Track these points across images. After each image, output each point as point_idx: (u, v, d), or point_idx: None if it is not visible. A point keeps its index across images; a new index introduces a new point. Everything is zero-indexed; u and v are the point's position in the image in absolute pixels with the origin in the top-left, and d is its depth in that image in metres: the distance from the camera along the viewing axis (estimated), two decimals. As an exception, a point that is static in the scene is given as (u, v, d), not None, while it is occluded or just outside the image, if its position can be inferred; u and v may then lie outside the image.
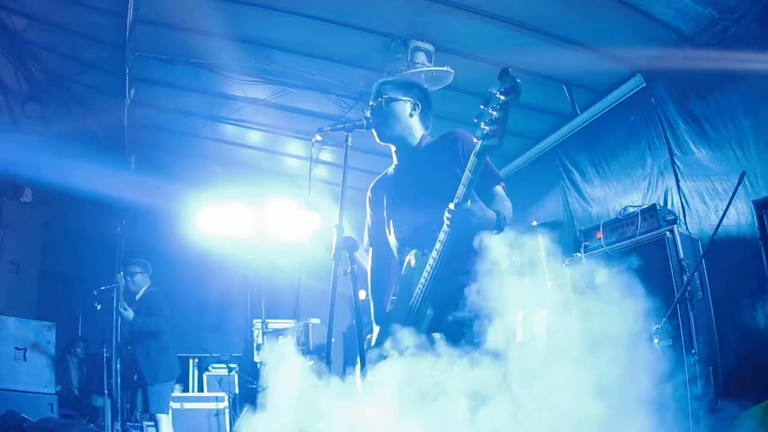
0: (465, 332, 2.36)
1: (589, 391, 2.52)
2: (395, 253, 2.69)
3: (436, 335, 2.35)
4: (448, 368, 2.35)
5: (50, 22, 5.61)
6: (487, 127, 2.08)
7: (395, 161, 2.76)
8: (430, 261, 2.35)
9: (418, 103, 2.69)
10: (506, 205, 2.44)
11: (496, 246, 2.41)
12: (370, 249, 2.88)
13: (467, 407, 2.38)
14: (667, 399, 3.72)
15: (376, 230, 2.83)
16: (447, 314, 2.39)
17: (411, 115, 2.66)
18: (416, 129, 2.68)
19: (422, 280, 2.38)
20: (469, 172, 2.19)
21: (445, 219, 2.27)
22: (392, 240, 2.68)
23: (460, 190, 2.22)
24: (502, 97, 2.03)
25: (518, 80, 2.01)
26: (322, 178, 7.58)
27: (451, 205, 2.25)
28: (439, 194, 2.35)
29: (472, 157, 2.17)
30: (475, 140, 2.14)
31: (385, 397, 2.50)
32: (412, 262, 2.50)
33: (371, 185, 2.87)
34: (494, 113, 2.05)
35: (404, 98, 2.66)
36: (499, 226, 2.37)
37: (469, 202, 2.26)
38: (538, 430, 2.40)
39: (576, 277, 4.75)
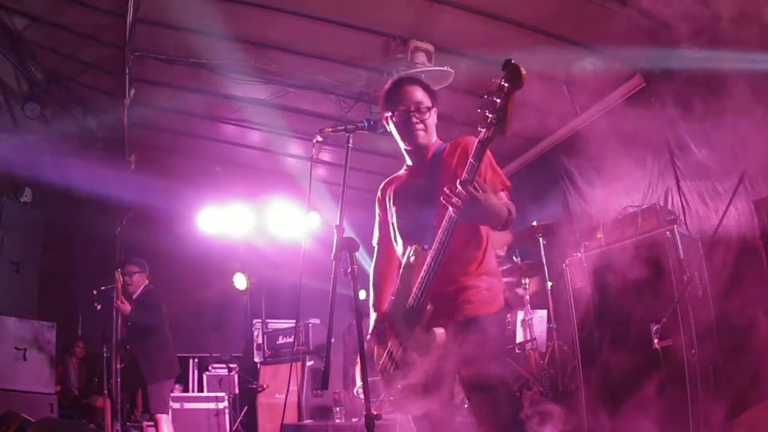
0: (466, 329, 2.36)
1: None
2: (398, 252, 2.70)
3: (437, 330, 2.34)
4: (448, 365, 2.34)
5: (50, 22, 5.61)
6: (490, 115, 2.08)
7: (408, 162, 2.77)
8: (431, 256, 2.34)
9: (434, 107, 2.69)
10: (511, 206, 2.42)
11: (496, 244, 2.40)
12: (375, 248, 2.88)
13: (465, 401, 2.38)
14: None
15: (382, 229, 2.84)
16: (447, 310, 2.39)
17: (435, 121, 2.69)
18: (432, 133, 2.69)
19: (422, 275, 2.38)
20: (473, 159, 2.18)
21: (448, 197, 2.20)
22: (396, 238, 2.69)
23: (464, 176, 2.20)
24: (506, 85, 2.03)
25: (521, 68, 2.00)
26: (322, 178, 7.59)
27: (458, 183, 2.18)
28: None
29: (476, 144, 2.17)
30: (479, 128, 2.14)
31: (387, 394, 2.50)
32: (412, 258, 2.49)
33: (381, 185, 2.87)
34: (498, 101, 2.05)
35: (435, 106, 2.67)
36: (505, 223, 2.34)
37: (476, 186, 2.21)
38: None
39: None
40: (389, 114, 2.65)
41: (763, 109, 3.91)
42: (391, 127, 2.68)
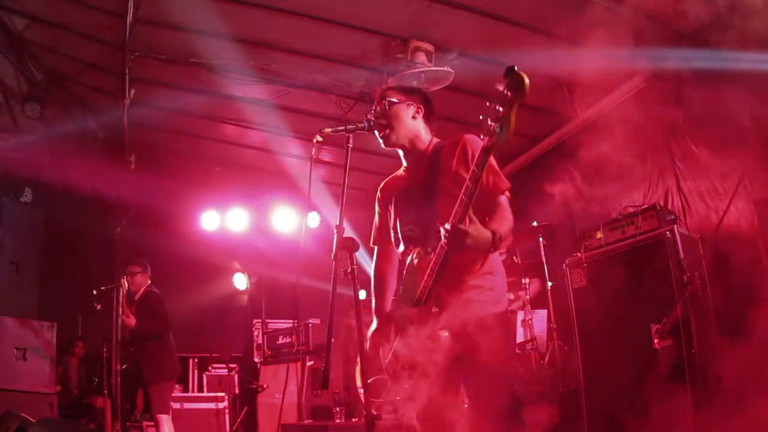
0: (470, 329, 2.36)
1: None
2: (399, 253, 2.70)
3: (442, 332, 2.34)
4: (453, 365, 2.35)
5: (50, 22, 5.61)
6: (493, 124, 2.07)
7: (404, 164, 2.78)
8: (434, 260, 2.35)
9: (421, 106, 2.70)
10: (506, 219, 2.41)
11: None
12: (375, 248, 2.88)
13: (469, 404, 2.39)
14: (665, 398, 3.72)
15: (382, 230, 2.84)
16: (452, 311, 2.39)
17: (414, 119, 2.68)
18: (422, 132, 2.70)
19: (426, 277, 2.39)
20: (476, 167, 2.18)
21: (441, 236, 2.26)
22: (397, 239, 2.69)
23: (465, 187, 2.20)
24: (509, 94, 2.01)
25: (525, 77, 1.99)
26: (322, 178, 7.59)
27: (447, 225, 2.23)
28: (446, 195, 2.35)
29: (479, 153, 2.17)
30: (481, 137, 2.13)
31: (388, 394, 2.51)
32: (415, 261, 2.50)
33: (381, 185, 2.88)
34: (500, 109, 2.04)
35: (407, 102, 2.67)
36: (494, 246, 2.34)
37: (467, 221, 2.22)
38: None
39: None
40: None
41: (764, 109, 3.91)
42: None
